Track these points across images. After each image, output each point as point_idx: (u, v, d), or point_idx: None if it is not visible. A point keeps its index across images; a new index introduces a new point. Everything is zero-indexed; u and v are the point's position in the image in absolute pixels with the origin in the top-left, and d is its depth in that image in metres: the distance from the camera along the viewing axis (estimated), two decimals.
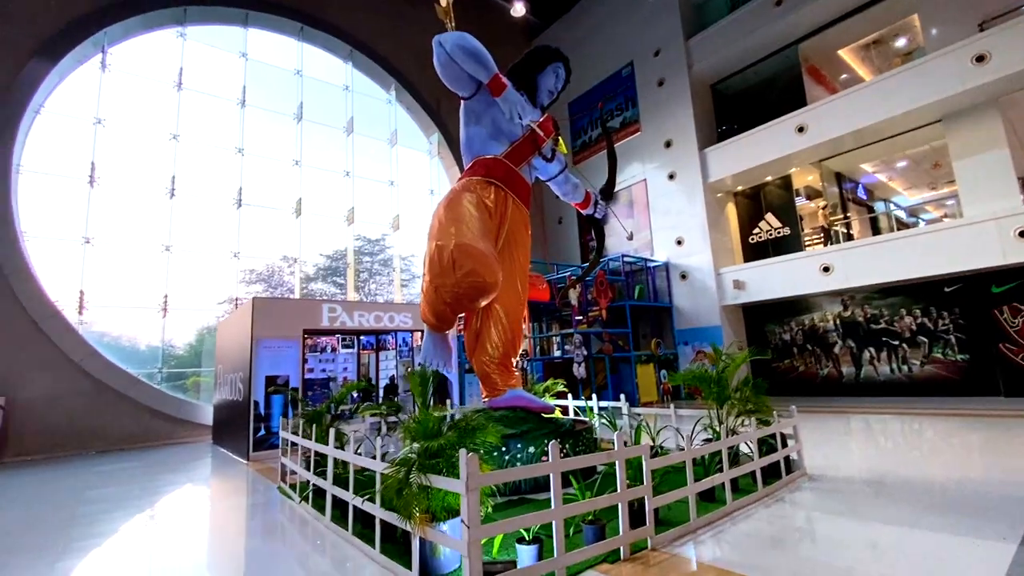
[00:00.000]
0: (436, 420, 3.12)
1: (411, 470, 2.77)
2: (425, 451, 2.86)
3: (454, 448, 2.94)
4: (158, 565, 3.67)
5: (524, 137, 6.19)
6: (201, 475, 7.48)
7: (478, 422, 3.07)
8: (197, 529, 4.69)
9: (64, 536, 4.39)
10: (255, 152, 13.78)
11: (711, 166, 14.51)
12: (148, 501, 5.71)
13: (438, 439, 2.86)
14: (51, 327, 10.18)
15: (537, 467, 2.82)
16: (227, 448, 9.27)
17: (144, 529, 4.63)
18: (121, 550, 4.05)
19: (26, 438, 9.55)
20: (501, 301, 5.80)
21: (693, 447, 3.71)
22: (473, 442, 2.95)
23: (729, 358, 5.12)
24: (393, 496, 2.73)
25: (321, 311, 8.94)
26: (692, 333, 14.51)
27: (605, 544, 2.96)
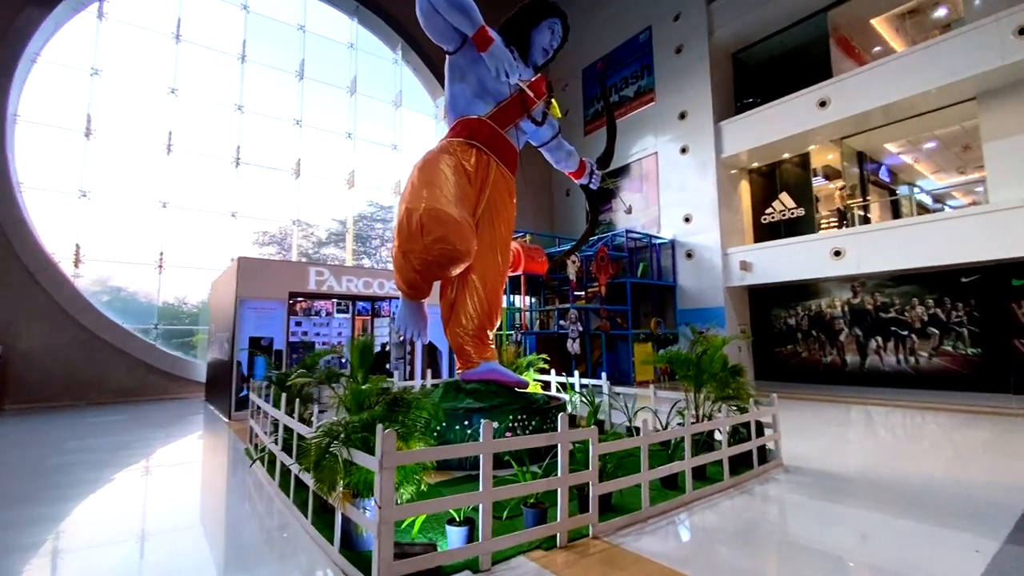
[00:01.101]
0: (372, 392, 2.93)
1: (332, 442, 2.60)
2: (350, 424, 2.68)
3: (386, 422, 2.76)
4: (100, 514, 3.62)
5: (512, 97, 5.82)
6: (181, 432, 7.53)
7: (413, 396, 2.88)
8: (152, 485, 4.66)
9: (34, 485, 4.39)
10: (255, 110, 13.50)
11: (726, 140, 13.86)
12: (121, 455, 5.73)
13: (364, 413, 2.68)
14: (47, 279, 10.24)
15: (463, 447, 2.63)
16: (215, 406, 9.34)
17: (104, 481, 4.61)
18: (77, 501, 4.02)
19: (25, 387, 9.72)
20: (477, 271, 5.56)
21: (657, 431, 3.49)
22: (406, 417, 2.77)
23: (705, 340, 4.84)
24: (311, 467, 2.57)
25: (308, 274, 8.80)
26: (694, 314, 14.15)
27: (541, 529, 2.79)
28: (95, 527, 3.45)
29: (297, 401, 3.72)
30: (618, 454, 3.52)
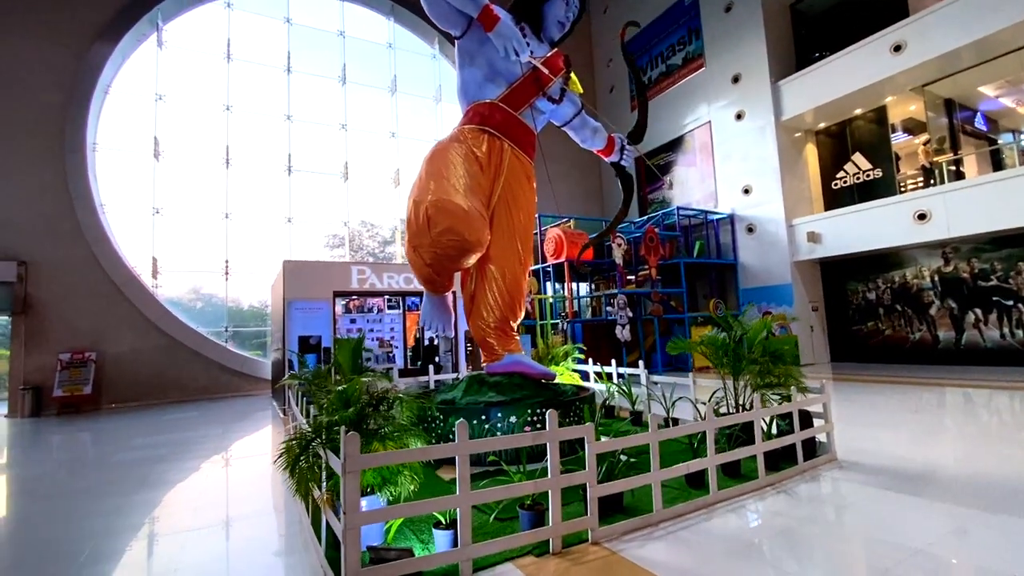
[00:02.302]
0: (358, 392, 2.86)
1: (310, 443, 2.55)
2: (328, 424, 2.62)
3: (367, 422, 2.68)
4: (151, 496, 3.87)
5: (525, 77, 5.54)
6: (240, 427, 8.01)
7: (397, 395, 2.78)
8: (194, 475, 4.94)
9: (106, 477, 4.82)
10: (302, 118, 14.06)
11: (786, 101, 12.66)
12: (182, 448, 6.16)
13: (338, 414, 2.61)
14: (130, 290, 11.30)
15: (435, 448, 2.48)
16: (277, 401, 9.89)
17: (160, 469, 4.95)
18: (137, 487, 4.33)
19: (116, 389, 10.81)
20: (496, 261, 5.38)
21: (667, 426, 3.17)
22: (383, 417, 2.67)
23: (738, 324, 4.37)
24: (289, 469, 2.54)
25: (350, 273, 9.04)
26: (759, 293, 13.15)
27: (531, 534, 2.60)
28: (168, 514, 3.68)
29: (304, 400, 3.75)
30: (631, 450, 3.24)
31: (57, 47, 10.99)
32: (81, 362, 10.40)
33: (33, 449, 6.96)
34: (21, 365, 10.17)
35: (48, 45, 10.90)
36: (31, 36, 10.76)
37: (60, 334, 10.48)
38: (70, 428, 8.48)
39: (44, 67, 10.83)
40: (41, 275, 10.44)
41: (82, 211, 10.94)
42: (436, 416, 4.69)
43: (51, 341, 10.37)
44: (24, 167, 10.52)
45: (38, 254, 10.45)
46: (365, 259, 15.10)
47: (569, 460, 4.08)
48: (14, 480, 5.16)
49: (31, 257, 10.38)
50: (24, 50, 10.68)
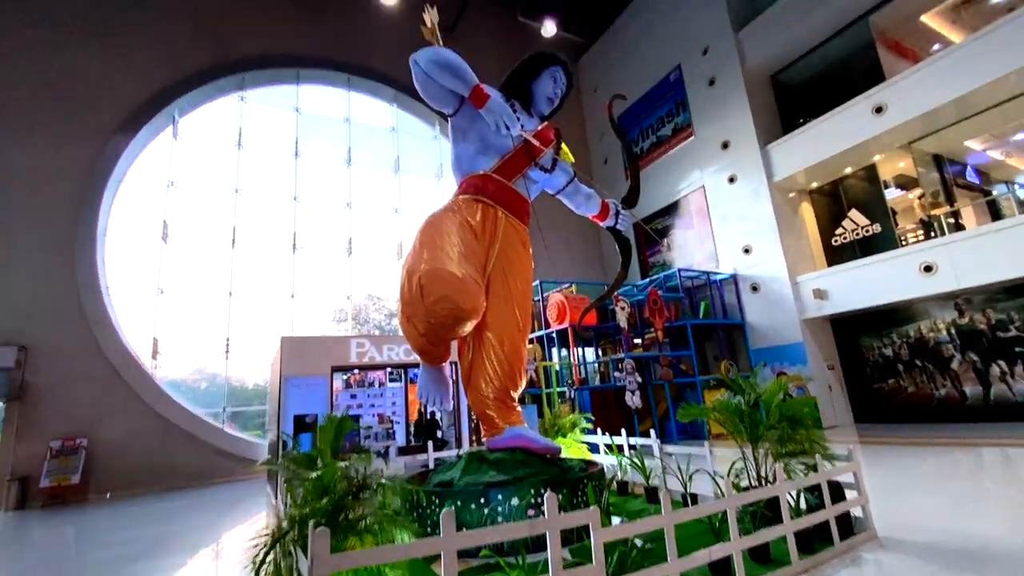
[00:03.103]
0: (336, 478, 2.61)
1: (277, 542, 2.27)
2: (301, 518, 2.35)
3: (343, 515, 2.41)
4: None
5: (517, 149, 5.67)
6: (228, 518, 7.50)
7: (380, 481, 2.52)
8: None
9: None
10: (308, 199, 14.54)
11: (776, 164, 12.99)
12: (160, 544, 5.70)
13: (309, 505, 2.35)
14: (128, 372, 11.11)
15: (419, 545, 2.18)
16: (271, 486, 9.36)
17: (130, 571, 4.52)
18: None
19: (105, 477, 10.32)
20: (493, 328, 5.21)
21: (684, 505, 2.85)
22: (364, 507, 2.40)
23: (751, 386, 4.11)
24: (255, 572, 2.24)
25: (349, 346, 8.88)
26: (770, 352, 12.78)
27: None
28: None
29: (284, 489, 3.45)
30: (647, 534, 2.89)
31: (77, 142, 11.61)
32: (72, 449, 10.02)
33: (9, 546, 6.48)
34: (11, 454, 9.79)
35: (69, 140, 11.51)
36: (53, 133, 11.40)
37: (53, 420, 10.19)
38: (53, 522, 7.99)
39: (63, 160, 11.38)
40: (40, 360, 10.33)
41: (86, 295, 11.02)
42: (431, 500, 4.32)
43: (44, 428, 10.06)
44: (35, 254, 10.74)
45: (39, 339, 10.40)
46: (372, 332, 14.99)
47: (577, 548, 3.70)
48: None
49: (31, 342, 10.32)
50: (46, 145, 11.27)
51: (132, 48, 12.69)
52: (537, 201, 6.15)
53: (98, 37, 12.38)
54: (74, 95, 11.82)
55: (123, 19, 12.77)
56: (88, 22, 12.36)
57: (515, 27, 19.00)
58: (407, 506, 4.66)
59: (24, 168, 11.00)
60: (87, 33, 12.28)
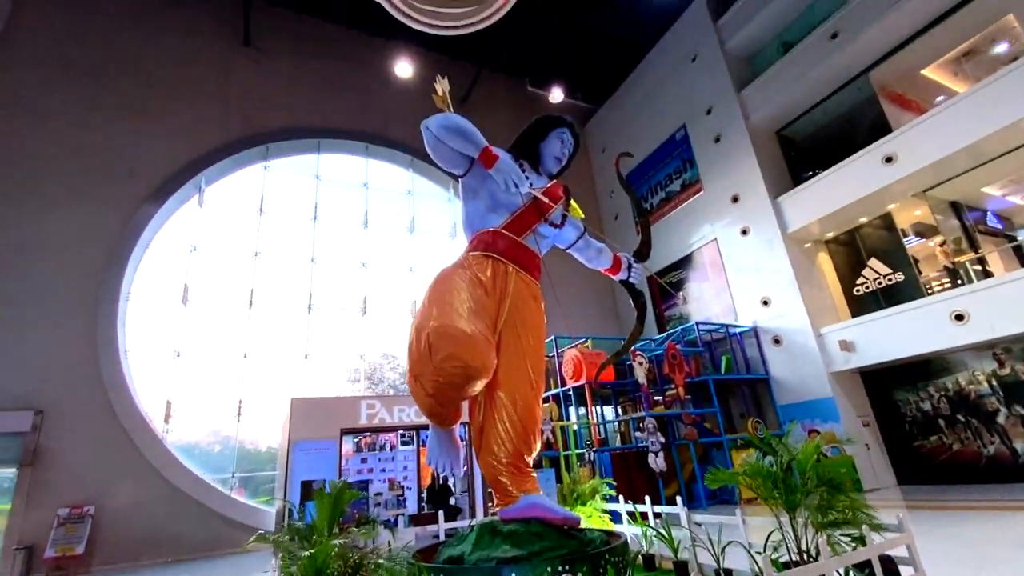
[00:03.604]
0: (332, 556, 2.40)
1: None
2: None
3: None
4: None
5: (526, 206, 5.73)
6: None
7: (374, 562, 2.30)
8: None
9: None
10: (325, 260, 14.85)
11: (788, 215, 12.97)
12: None
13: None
14: (140, 437, 10.99)
15: None
16: (276, 560, 8.89)
17: None
18: None
19: (110, 547, 9.95)
20: (505, 387, 5.00)
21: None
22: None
23: (784, 447, 3.83)
24: None
25: (359, 408, 8.69)
26: (799, 408, 12.18)
27: None
28: None
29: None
30: None
31: (108, 210, 12.16)
32: (79, 517, 9.74)
33: None
34: (20, 522, 9.56)
35: (100, 209, 12.08)
36: (86, 202, 11.98)
37: (63, 487, 10.00)
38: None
39: (91, 228, 11.88)
40: (54, 424, 10.30)
41: (105, 358, 11.14)
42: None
43: (53, 495, 9.86)
44: (57, 318, 10.98)
45: (55, 402, 10.42)
46: (386, 391, 14.78)
47: None
48: None
49: (48, 406, 10.34)
50: (79, 213, 11.82)
51: (164, 125, 13.55)
52: (550, 257, 6.14)
53: (134, 115, 13.27)
54: (108, 168, 12.52)
55: (158, 100, 13.72)
56: (125, 104, 13.29)
57: (525, 95, 19.94)
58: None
59: (56, 235, 11.49)
60: (123, 112, 13.17)
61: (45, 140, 12.12)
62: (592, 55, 18.89)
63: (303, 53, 16.43)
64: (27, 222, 11.34)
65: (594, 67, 19.40)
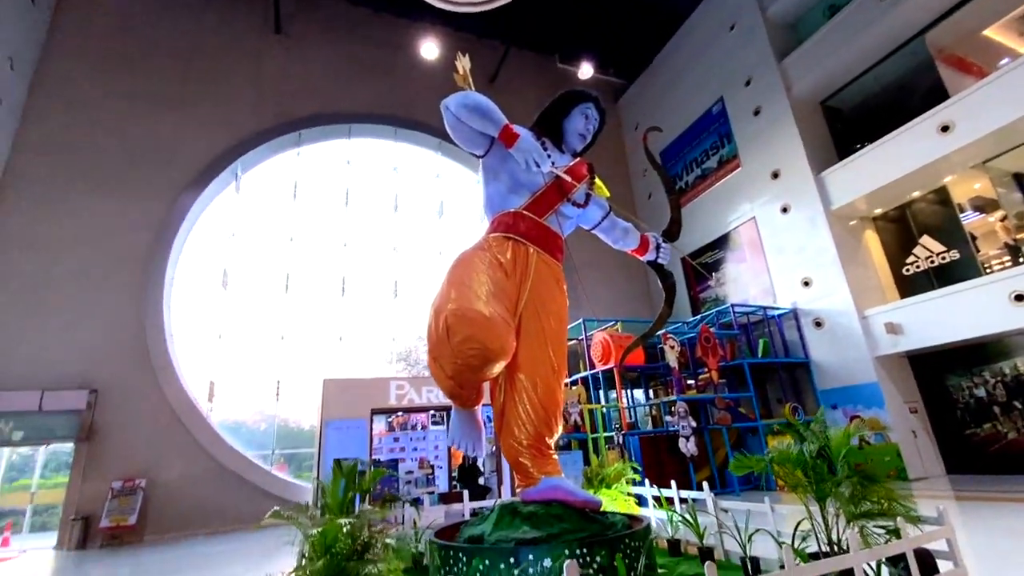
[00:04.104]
0: (342, 535, 2.43)
1: None
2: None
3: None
4: None
5: (548, 186, 5.59)
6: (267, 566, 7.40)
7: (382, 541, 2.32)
8: None
9: None
10: (357, 244, 15.10)
11: (832, 191, 12.28)
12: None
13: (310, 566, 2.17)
14: (186, 415, 11.58)
15: None
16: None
17: None
18: None
19: (160, 518, 10.61)
20: (526, 370, 4.96)
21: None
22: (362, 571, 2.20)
23: (816, 433, 3.64)
24: None
25: (389, 388, 8.86)
26: (840, 393, 11.69)
27: None
28: None
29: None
30: None
31: (152, 198, 12.70)
32: (131, 490, 10.41)
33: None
34: (77, 494, 10.30)
35: (145, 197, 12.62)
36: (132, 190, 12.54)
37: (116, 461, 10.68)
38: (108, 562, 8.22)
39: (139, 214, 12.44)
40: (107, 402, 10.96)
41: (153, 341, 11.73)
42: (459, 557, 4.03)
43: (107, 469, 10.55)
44: (108, 301, 11.61)
45: (108, 382, 11.07)
46: (421, 372, 15.04)
47: None
48: None
49: (101, 385, 11.00)
50: (125, 201, 12.39)
51: (202, 113, 13.96)
52: (578, 238, 6.00)
53: (172, 106, 13.72)
54: (150, 157, 13.03)
55: (194, 90, 14.13)
56: (163, 94, 13.74)
57: (554, 73, 19.48)
58: (436, 562, 4.38)
59: (105, 221, 12.10)
60: (162, 102, 13.64)
61: (90, 130, 12.70)
62: (624, 28, 18.22)
63: (332, 38, 16.54)
64: (77, 210, 11.97)
65: (626, 41, 18.72)
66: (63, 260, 11.56)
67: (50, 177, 12.00)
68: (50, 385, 10.62)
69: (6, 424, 10.41)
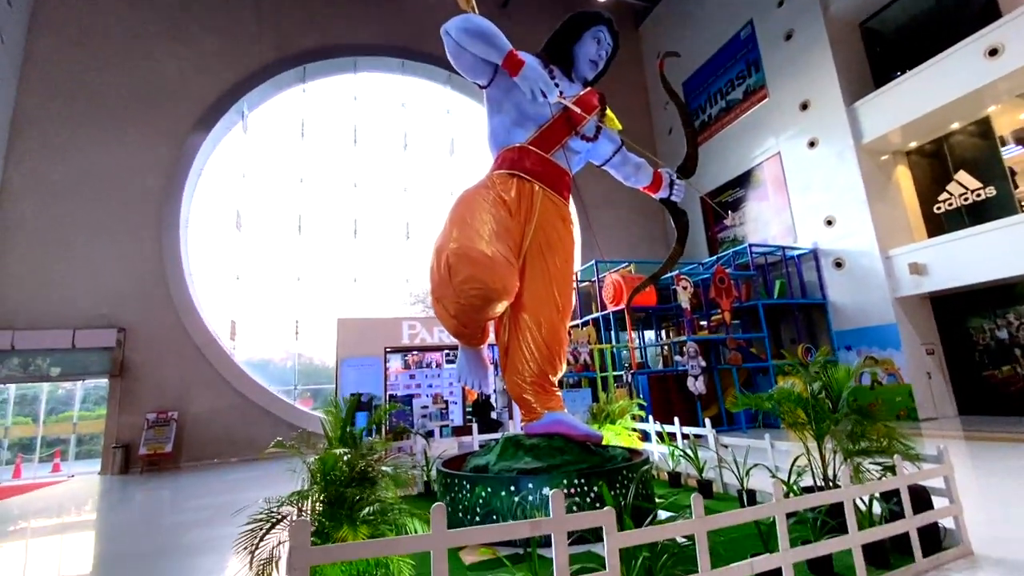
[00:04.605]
0: (341, 464, 2.52)
1: (273, 527, 2.21)
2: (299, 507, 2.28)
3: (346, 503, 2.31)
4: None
5: (556, 118, 5.31)
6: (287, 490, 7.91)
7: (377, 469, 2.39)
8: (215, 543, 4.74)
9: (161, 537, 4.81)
10: (367, 185, 14.91)
11: (865, 123, 11.53)
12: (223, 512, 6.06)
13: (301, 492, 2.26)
14: (211, 352, 12.05)
15: (397, 542, 1.99)
16: None
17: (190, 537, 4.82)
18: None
19: (193, 446, 11.33)
20: (530, 309, 4.96)
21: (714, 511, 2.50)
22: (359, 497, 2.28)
23: (816, 371, 3.59)
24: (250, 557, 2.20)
25: (401, 328, 9.01)
26: (857, 335, 11.55)
27: None
28: None
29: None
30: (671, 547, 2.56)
31: (160, 140, 12.58)
32: (164, 421, 11.06)
33: (115, 507, 7.26)
34: (115, 424, 11.00)
35: (153, 138, 12.51)
36: (140, 132, 12.43)
37: (149, 395, 11.28)
38: (148, 486, 8.88)
39: (150, 156, 12.39)
40: (136, 340, 11.44)
41: (173, 282, 12.02)
42: (463, 485, 4.22)
43: (141, 401, 11.18)
44: (128, 243, 11.84)
45: (135, 321, 11.50)
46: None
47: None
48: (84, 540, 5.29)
49: (129, 324, 11.44)
50: (134, 143, 12.32)
51: (203, 49, 13.51)
52: (591, 176, 5.78)
53: (172, 41, 13.27)
54: (156, 96, 12.79)
55: (194, 24, 13.57)
56: (163, 30, 13.26)
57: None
58: (443, 489, 4.61)
59: (116, 164, 12.10)
60: (163, 38, 13.20)
61: (93, 71, 12.43)
62: None
63: None
64: (87, 154, 11.95)
65: None
66: (80, 205, 11.70)
67: (58, 121, 11.92)
68: (81, 324, 11.08)
69: (44, 360, 10.99)
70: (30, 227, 11.30)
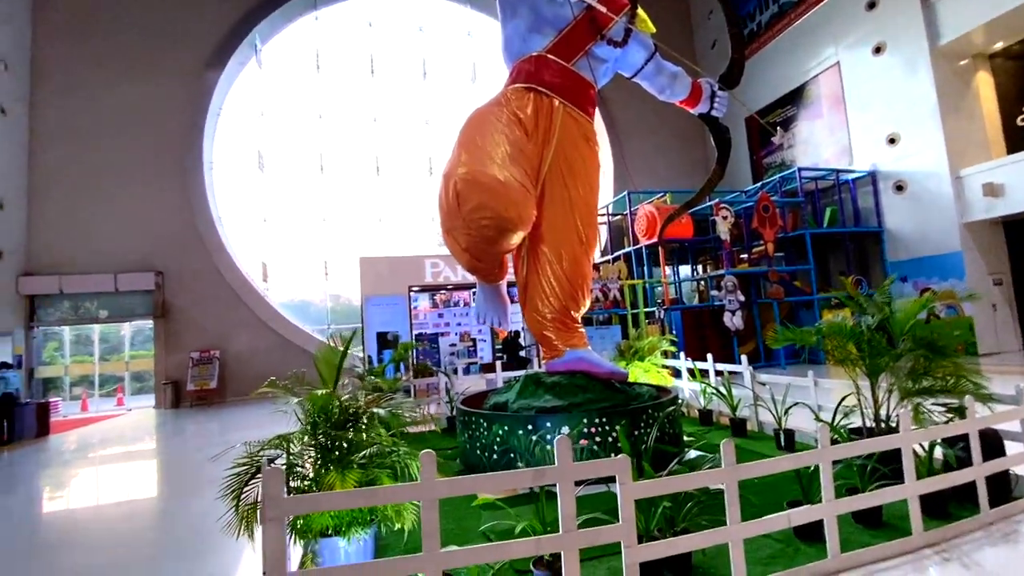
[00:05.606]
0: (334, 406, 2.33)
1: (256, 473, 2.06)
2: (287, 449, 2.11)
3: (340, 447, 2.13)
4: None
5: (578, 20, 4.65)
6: None
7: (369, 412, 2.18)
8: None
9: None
10: (387, 119, 14.32)
11: (944, 21, 9.98)
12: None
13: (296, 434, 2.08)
14: (246, 294, 12.32)
15: (381, 492, 1.78)
16: None
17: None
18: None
19: (237, 382, 11.84)
20: (549, 242, 4.57)
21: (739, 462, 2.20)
22: (346, 440, 2.09)
23: (876, 305, 3.12)
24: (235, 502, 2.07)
25: (424, 266, 8.84)
26: (913, 265, 10.64)
27: None
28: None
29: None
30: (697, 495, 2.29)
31: (175, 79, 12.27)
32: (208, 359, 11.56)
33: (169, 437, 7.71)
34: (163, 363, 11.58)
35: (167, 77, 12.22)
36: (154, 71, 12.15)
37: (191, 335, 11.74)
38: (200, 419, 9.40)
39: (166, 98, 12.16)
40: (173, 283, 11.78)
41: (202, 225, 12.13)
42: (480, 423, 4.07)
43: (184, 341, 11.66)
44: (155, 188, 11.91)
45: (170, 265, 11.78)
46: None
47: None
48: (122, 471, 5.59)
49: (165, 267, 11.73)
50: (151, 85, 12.08)
51: None
52: (623, 93, 5.15)
53: None
54: (166, 33, 12.36)
55: None
56: None
57: None
58: (461, 427, 4.51)
59: (134, 106, 11.95)
60: None
61: (105, 8, 12.04)
62: None
63: None
64: (104, 97, 11.85)
65: None
66: (105, 149, 11.72)
67: (74, 64, 11.75)
68: (120, 268, 11.43)
69: (92, 303, 11.51)
70: (63, 173, 11.46)
